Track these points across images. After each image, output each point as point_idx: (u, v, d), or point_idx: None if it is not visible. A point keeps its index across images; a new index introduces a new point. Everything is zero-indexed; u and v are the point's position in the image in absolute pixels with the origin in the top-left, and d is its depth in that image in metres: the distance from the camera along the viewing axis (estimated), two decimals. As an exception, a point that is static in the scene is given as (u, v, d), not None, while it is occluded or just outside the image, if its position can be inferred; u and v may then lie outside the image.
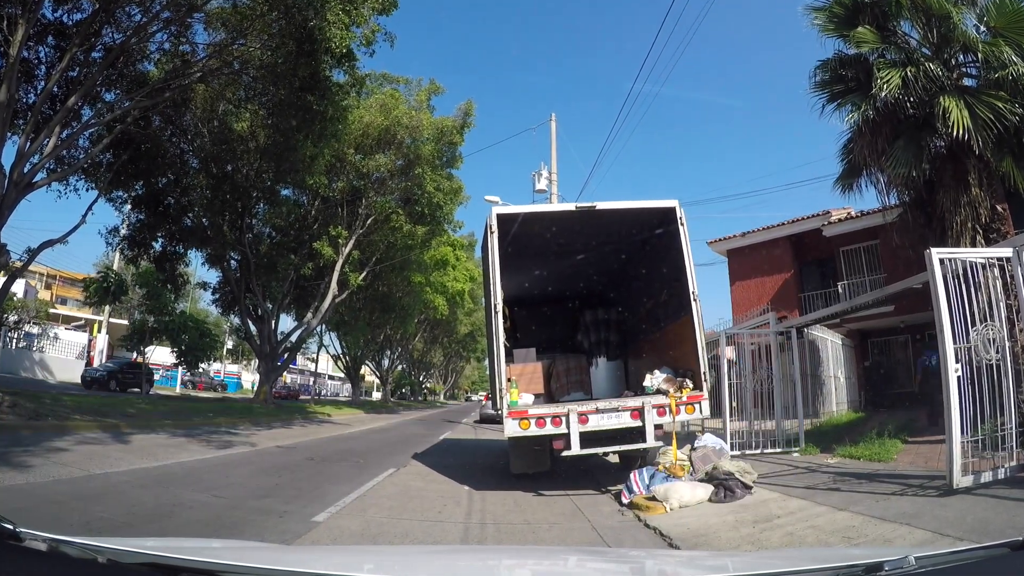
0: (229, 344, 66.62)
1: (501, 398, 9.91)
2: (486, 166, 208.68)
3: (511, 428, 9.66)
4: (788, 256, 26.81)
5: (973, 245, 12.51)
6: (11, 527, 1.92)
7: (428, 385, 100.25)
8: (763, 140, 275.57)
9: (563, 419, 9.63)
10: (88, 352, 42.50)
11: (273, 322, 32.59)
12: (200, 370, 38.79)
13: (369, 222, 32.15)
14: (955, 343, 7.58)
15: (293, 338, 35.15)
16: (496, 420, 12.58)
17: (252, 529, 6.82)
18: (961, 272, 7.80)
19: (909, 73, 13.07)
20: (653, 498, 8.65)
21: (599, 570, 3.16)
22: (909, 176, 13.63)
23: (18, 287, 39.37)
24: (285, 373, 51.14)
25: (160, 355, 40.62)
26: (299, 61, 18.26)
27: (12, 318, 35.88)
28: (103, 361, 40.03)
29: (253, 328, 32.00)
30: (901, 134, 13.85)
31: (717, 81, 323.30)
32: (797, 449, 13.38)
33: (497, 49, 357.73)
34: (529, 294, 16.02)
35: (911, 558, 2.00)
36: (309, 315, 33.10)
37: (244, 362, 78.54)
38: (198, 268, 41.40)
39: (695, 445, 10.53)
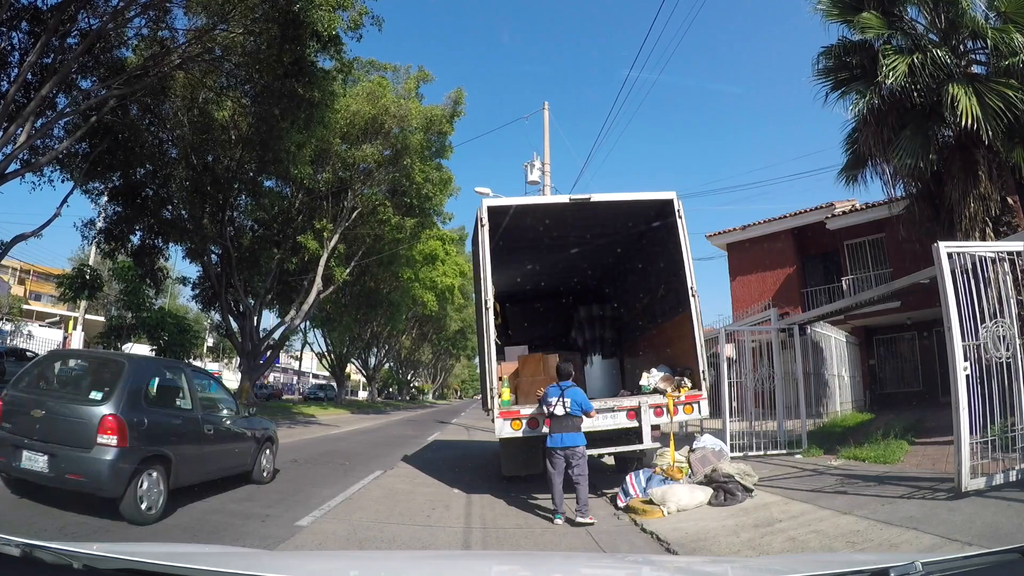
0: (209, 341, 66.34)
1: (492, 398, 9.90)
2: (477, 157, 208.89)
3: (502, 429, 9.64)
4: (790, 250, 26.80)
5: (983, 239, 12.53)
6: (-18, 532, 1.90)
7: (416, 384, 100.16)
8: (764, 129, 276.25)
9: None
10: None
11: (255, 318, 32.47)
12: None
13: (355, 215, 32.03)
14: (964, 340, 7.58)
15: (276, 335, 35.07)
16: None
17: (233, 533, 6.81)
18: (970, 266, 7.80)
19: (916, 60, 13.08)
20: (650, 501, 8.67)
21: (593, 577, 3.16)
22: (916, 167, 13.63)
23: (-11, 282, 39.15)
24: (268, 371, 50.99)
25: (138, 352, 40.48)
26: (283, 47, 18.14)
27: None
28: (78, 359, 39.77)
29: (234, 325, 31.85)
30: (908, 123, 13.86)
31: (716, 68, 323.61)
32: (800, 451, 13.40)
33: (488, 36, 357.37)
34: (521, 289, 16.00)
35: (918, 564, 1.99)
36: (293, 311, 32.98)
37: (225, 360, 78.26)
38: (177, 262, 41.14)
39: (694, 446, 10.55)
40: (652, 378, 10.55)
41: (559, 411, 8.58)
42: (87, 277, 26.95)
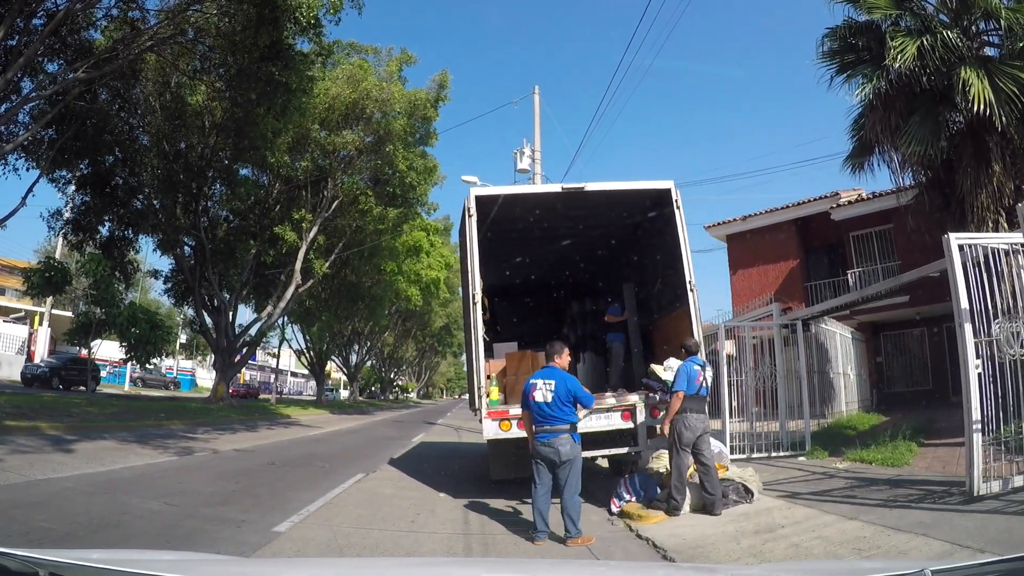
0: (183, 338, 66.20)
1: (479, 397, 9.87)
2: (464, 144, 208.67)
3: (490, 430, 9.60)
4: (793, 242, 26.80)
5: (995, 230, 12.53)
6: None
7: (400, 383, 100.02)
8: (766, 115, 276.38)
9: None
10: (29, 347, 42.21)
11: (231, 314, 32.38)
12: (151, 366, 38.54)
13: (335, 205, 31.96)
14: (976, 337, 7.58)
15: (252, 331, 34.98)
16: None
17: (207, 540, 6.77)
18: (982, 259, 7.77)
19: (925, 42, 13.06)
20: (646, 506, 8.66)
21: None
22: (925, 154, 13.60)
23: (-51, 276, 38.99)
24: (244, 370, 50.91)
25: (107, 350, 40.33)
26: (260, 29, 18.06)
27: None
28: (45, 357, 39.73)
29: (209, 320, 31.76)
30: (916, 109, 13.85)
31: (716, 50, 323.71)
32: (803, 453, 13.42)
33: (476, 16, 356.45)
34: (511, 283, 15.98)
35: (927, 572, 1.98)
36: (270, 306, 32.93)
37: (199, 358, 78.06)
38: (149, 255, 41.01)
39: (692, 448, 10.53)
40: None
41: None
42: (54, 271, 26.84)
